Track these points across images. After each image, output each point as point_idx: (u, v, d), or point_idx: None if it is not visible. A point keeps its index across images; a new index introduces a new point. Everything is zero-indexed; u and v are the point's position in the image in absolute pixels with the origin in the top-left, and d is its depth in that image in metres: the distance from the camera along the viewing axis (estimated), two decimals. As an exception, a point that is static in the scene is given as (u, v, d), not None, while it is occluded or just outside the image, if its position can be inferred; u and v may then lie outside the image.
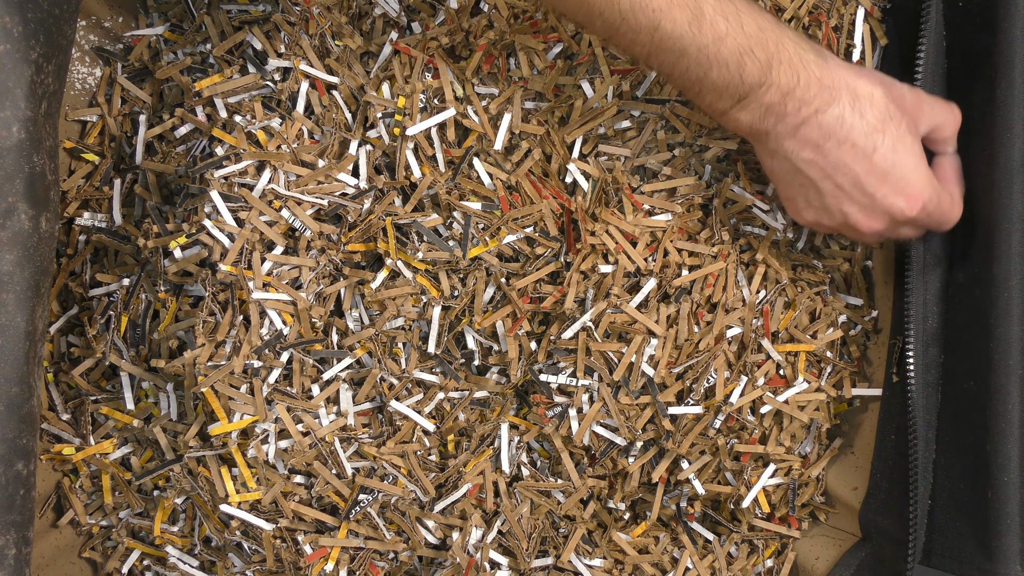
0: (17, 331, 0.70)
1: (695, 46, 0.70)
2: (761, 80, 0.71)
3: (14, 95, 0.68)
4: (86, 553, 0.86)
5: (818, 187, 0.75)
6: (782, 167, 0.75)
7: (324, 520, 0.81)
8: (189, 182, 0.81)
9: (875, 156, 0.73)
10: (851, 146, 0.73)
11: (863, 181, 0.73)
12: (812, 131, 0.72)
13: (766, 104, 0.72)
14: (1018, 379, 0.75)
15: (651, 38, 0.69)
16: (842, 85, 0.73)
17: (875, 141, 0.73)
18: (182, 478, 0.80)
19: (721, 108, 0.73)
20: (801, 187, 0.76)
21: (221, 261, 0.76)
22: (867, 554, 0.83)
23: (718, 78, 0.71)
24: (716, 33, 0.70)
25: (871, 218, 0.75)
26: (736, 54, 0.70)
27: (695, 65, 0.71)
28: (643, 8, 0.68)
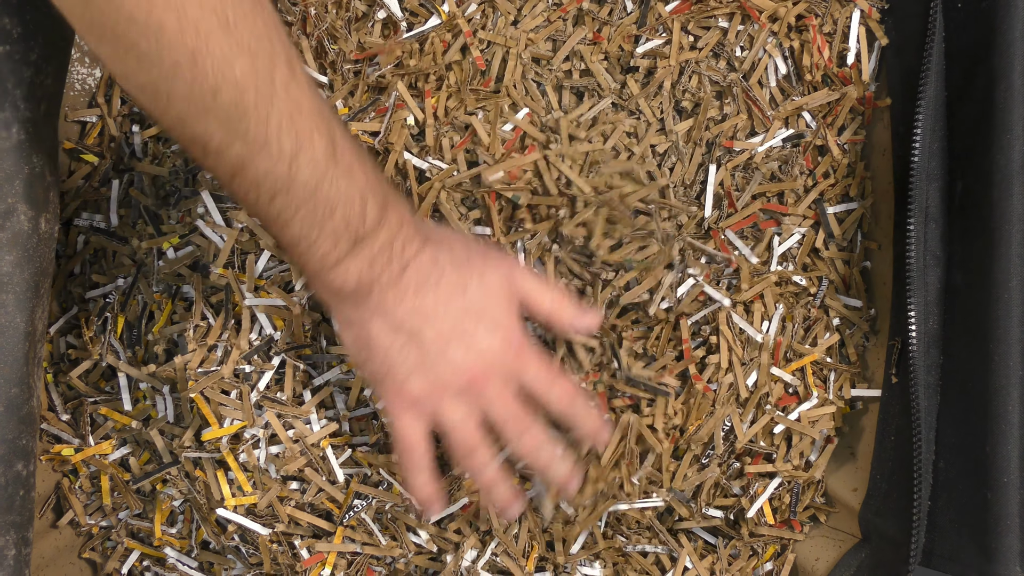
0: (17, 332, 0.70)
1: (329, 179, 0.63)
2: (379, 219, 0.66)
3: (13, 96, 0.68)
4: (86, 553, 0.86)
5: (420, 338, 0.69)
6: (379, 331, 0.69)
7: (320, 525, 0.80)
8: (182, 184, 0.81)
9: (468, 293, 0.70)
10: (446, 285, 0.69)
11: (463, 318, 0.70)
12: (412, 275, 0.68)
13: (378, 246, 0.66)
14: (1018, 380, 0.75)
15: (290, 168, 0.61)
16: (427, 230, 0.70)
17: (465, 279, 0.70)
18: (179, 481, 0.80)
19: (334, 258, 0.66)
20: (401, 350, 0.69)
21: (212, 264, 0.76)
22: (867, 555, 0.83)
23: (342, 218, 0.64)
24: (347, 164, 0.64)
25: (478, 359, 0.70)
26: (362, 190, 0.65)
27: (324, 204, 0.63)
28: (291, 130, 0.61)
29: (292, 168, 0.62)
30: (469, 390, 0.71)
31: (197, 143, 0.61)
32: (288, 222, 0.64)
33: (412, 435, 0.72)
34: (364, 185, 0.65)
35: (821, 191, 0.86)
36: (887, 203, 0.86)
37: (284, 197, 0.63)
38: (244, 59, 0.58)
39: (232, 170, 0.62)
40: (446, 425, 0.72)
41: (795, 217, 0.85)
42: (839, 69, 0.86)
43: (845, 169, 0.87)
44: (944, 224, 0.81)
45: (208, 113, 0.59)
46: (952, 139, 0.81)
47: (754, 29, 0.85)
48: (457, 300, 0.69)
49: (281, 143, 0.61)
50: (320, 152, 0.62)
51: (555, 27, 0.84)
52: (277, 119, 0.60)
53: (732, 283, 0.84)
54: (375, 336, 0.69)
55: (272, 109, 0.60)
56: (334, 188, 0.63)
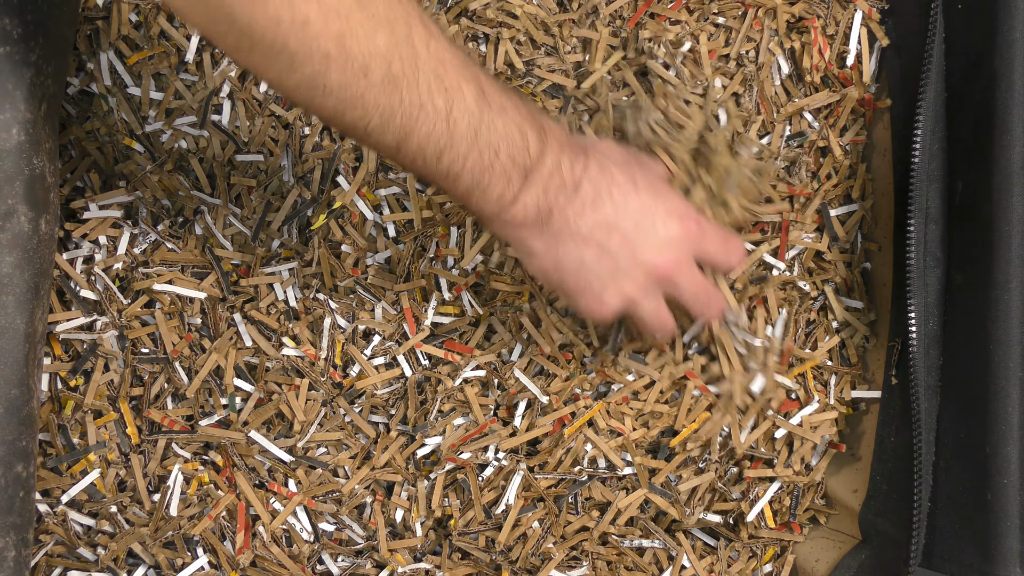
0: (17, 333, 0.70)
1: (487, 123, 0.64)
2: (541, 147, 0.67)
3: (14, 97, 0.68)
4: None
5: (608, 249, 0.70)
6: (567, 250, 0.70)
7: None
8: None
9: (639, 188, 0.71)
10: (619, 187, 0.70)
11: (641, 216, 0.71)
12: (587, 189, 0.69)
13: (548, 172, 0.68)
14: (1018, 381, 0.75)
15: (447, 124, 0.63)
16: (583, 141, 0.72)
17: (632, 175, 0.71)
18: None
19: (511, 195, 0.67)
20: (593, 263, 0.71)
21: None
22: (867, 556, 0.83)
23: (507, 155, 0.66)
24: (500, 105, 0.65)
25: (665, 254, 0.72)
26: (519, 124, 0.66)
27: (487, 148, 0.65)
28: (440, 87, 0.62)
29: (450, 122, 0.63)
30: (661, 282, 0.73)
31: (359, 126, 0.62)
32: (459, 175, 0.65)
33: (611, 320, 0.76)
34: (519, 119, 0.66)
35: (824, 192, 0.86)
36: (887, 204, 0.86)
37: (450, 152, 0.64)
38: (384, 30, 0.59)
39: (396, 142, 0.63)
40: (640, 313, 0.74)
41: (801, 221, 0.85)
42: (840, 70, 0.86)
43: (847, 170, 0.87)
44: (944, 225, 0.81)
45: (364, 94, 0.60)
46: (952, 140, 0.81)
47: (752, 31, 0.86)
48: (632, 201, 0.71)
49: (435, 102, 0.62)
50: (471, 100, 0.63)
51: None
52: (426, 80, 0.61)
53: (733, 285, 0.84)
54: (564, 257, 0.71)
55: (419, 72, 0.61)
56: (492, 130, 0.65)
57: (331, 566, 0.82)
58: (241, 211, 0.83)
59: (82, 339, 0.82)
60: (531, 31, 0.85)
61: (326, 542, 0.82)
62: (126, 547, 0.80)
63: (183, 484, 0.82)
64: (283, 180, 0.83)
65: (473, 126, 0.64)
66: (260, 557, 0.82)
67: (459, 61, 0.63)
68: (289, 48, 0.57)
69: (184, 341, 0.82)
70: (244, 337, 0.82)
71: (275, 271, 0.83)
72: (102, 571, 0.81)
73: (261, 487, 0.82)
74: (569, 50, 0.85)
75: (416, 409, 0.83)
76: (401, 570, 0.82)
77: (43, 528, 0.80)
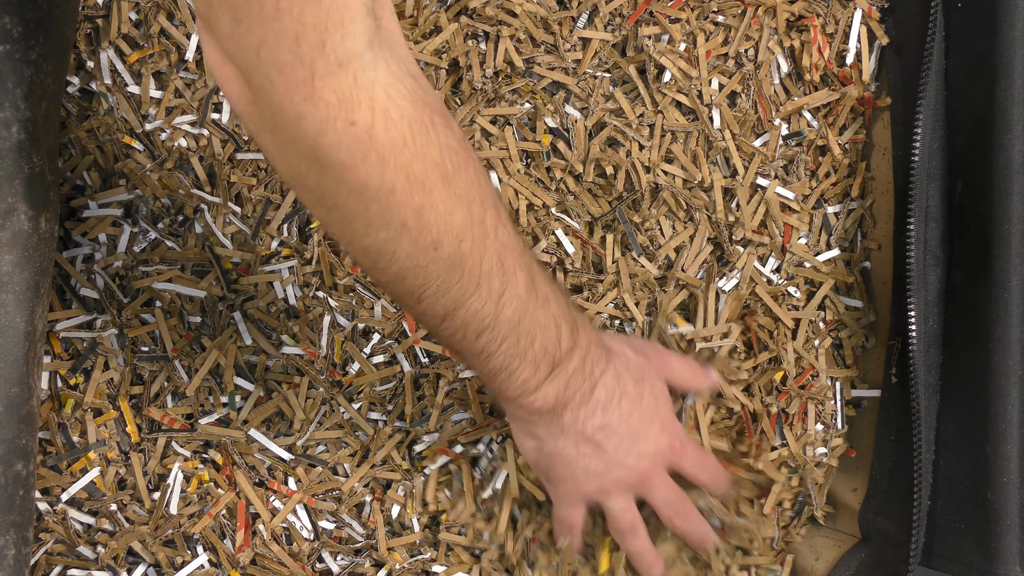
0: (17, 331, 0.70)
1: (529, 313, 0.66)
2: (572, 343, 0.69)
3: (14, 96, 0.68)
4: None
5: (603, 449, 0.74)
6: (566, 443, 0.73)
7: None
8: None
9: (644, 403, 0.75)
10: (628, 399, 0.74)
11: (638, 428, 0.74)
12: (601, 394, 0.72)
13: (572, 368, 0.70)
14: (1017, 380, 0.75)
15: (497, 305, 0.64)
16: (608, 344, 0.74)
17: (641, 390, 0.75)
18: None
19: (535, 383, 0.69)
20: (585, 459, 0.74)
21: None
22: (867, 555, 0.83)
23: (541, 346, 0.67)
24: (544, 296, 0.67)
25: (646, 460, 0.75)
26: (556, 317, 0.68)
27: (525, 335, 0.66)
28: (498, 271, 0.63)
29: (499, 305, 0.64)
30: (637, 485, 0.76)
31: (413, 294, 0.62)
32: (492, 355, 0.66)
33: (578, 520, 0.78)
34: (558, 312, 0.68)
35: (822, 191, 0.86)
36: (887, 203, 0.86)
37: (490, 333, 0.65)
38: (462, 209, 0.59)
39: (444, 313, 0.63)
40: (611, 510, 0.77)
41: (802, 219, 0.85)
42: (839, 69, 0.86)
43: (845, 169, 0.87)
44: (944, 224, 0.81)
45: (429, 266, 0.60)
46: (952, 138, 0.81)
47: (751, 29, 0.86)
48: (635, 412, 0.74)
49: (491, 284, 0.63)
50: (522, 287, 0.65)
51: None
52: (489, 262, 0.62)
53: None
54: (562, 449, 0.73)
55: (485, 253, 0.61)
56: (534, 319, 0.66)
57: (331, 564, 0.83)
58: (241, 209, 0.83)
59: (82, 337, 0.82)
60: (531, 29, 0.85)
61: (326, 540, 0.82)
62: (126, 545, 0.80)
63: (183, 482, 0.82)
64: (283, 178, 0.83)
65: (519, 312, 0.65)
66: (260, 555, 0.82)
67: (519, 248, 0.64)
68: (370, 213, 0.57)
69: (184, 339, 0.82)
70: (244, 335, 0.82)
71: (275, 269, 0.83)
72: (102, 569, 0.81)
73: (261, 485, 0.82)
74: (569, 47, 0.85)
75: (413, 405, 0.83)
76: (399, 567, 0.82)
77: (43, 526, 0.80)
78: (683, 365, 0.80)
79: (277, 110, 0.52)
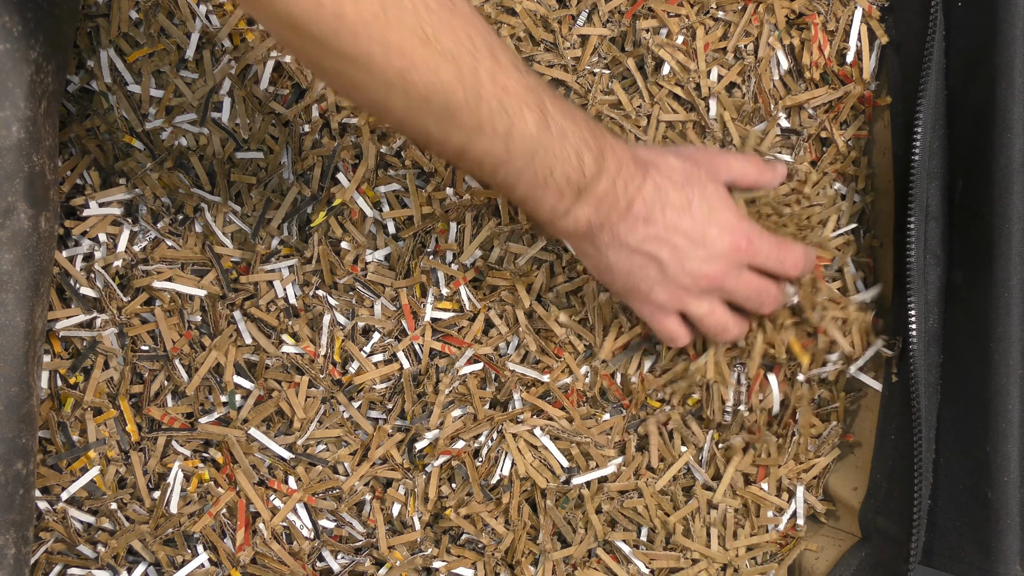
0: (16, 330, 0.70)
1: (544, 147, 0.68)
2: (598, 167, 0.71)
3: (14, 95, 0.67)
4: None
5: (657, 258, 0.75)
6: (617, 257, 0.75)
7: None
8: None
9: (693, 208, 0.75)
10: (672, 208, 0.74)
11: (692, 233, 0.75)
12: (640, 207, 0.73)
13: (602, 190, 0.72)
14: (1018, 379, 0.75)
15: (505, 145, 0.67)
16: (645, 158, 0.74)
17: (688, 196, 0.75)
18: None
19: (563, 208, 0.72)
20: (641, 269, 0.75)
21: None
22: (867, 554, 0.83)
23: (562, 175, 0.70)
24: (560, 129, 0.69)
25: (713, 264, 0.76)
26: (576, 147, 0.69)
27: (542, 168, 0.69)
28: (502, 112, 0.66)
29: (508, 144, 0.67)
30: (709, 289, 0.77)
31: (419, 138, 0.67)
32: (513, 186, 0.70)
33: (671, 328, 0.80)
34: (578, 142, 0.69)
35: (827, 174, 0.86)
36: (887, 201, 0.86)
37: (505, 168, 0.68)
38: (448, 65, 0.63)
39: (455, 154, 0.68)
40: (694, 316, 0.78)
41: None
42: (839, 68, 0.86)
43: (849, 164, 0.87)
44: (944, 223, 0.81)
45: (424, 115, 0.65)
46: (952, 137, 0.81)
47: (751, 26, 0.86)
48: (685, 218, 0.74)
49: (494, 125, 0.66)
50: (532, 125, 0.67)
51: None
52: (488, 106, 0.65)
53: None
54: (614, 263, 0.75)
55: (481, 100, 0.65)
56: (549, 153, 0.68)
57: (331, 563, 0.83)
58: (241, 208, 0.83)
59: (82, 336, 0.82)
60: (530, 28, 0.85)
61: (326, 539, 0.82)
62: (126, 544, 0.80)
63: (183, 481, 0.82)
64: (283, 177, 0.83)
65: (530, 149, 0.68)
66: (260, 554, 0.82)
67: (523, 88, 0.66)
68: (354, 76, 0.62)
69: (184, 339, 0.82)
70: (244, 334, 0.82)
71: (275, 268, 0.83)
72: (102, 568, 0.81)
73: (261, 484, 0.82)
74: (569, 46, 0.85)
75: (413, 403, 0.83)
76: (399, 564, 0.82)
77: (43, 525, 0.80)
78: (743, 161, 0.80)
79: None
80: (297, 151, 0.83)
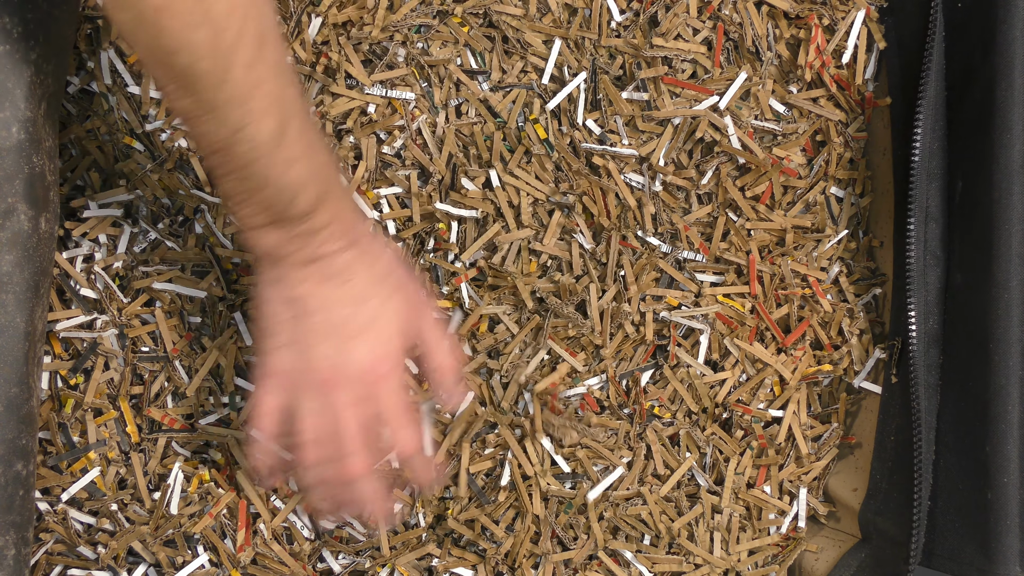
0: (16, 331, 0.70)
1: (265, 161, 0.65)
2: (308, 211, 0.68)
3: (13, 95, 0.68)
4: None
5: (304, 322, 0.71)
6: (280, 295, 0.71)
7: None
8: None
9: (364, 306, 0.72)
10: (350, 289, 0.71)
11: (348, 322, 0.71)
12: (321, 268, 0.70)
13: (297, 232, 0.69)
14: (1018, 380, 0.75)
15: (231, 137, 0.63)
16: (365, 239, 0.72)
17: (370, 291, 0.72)
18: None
19: (252, 224, 0.68)
20: (286, 322, 0.72)
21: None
22: (867, 555, 0.83)
23: (268, 198, 0.67)
24: (289, 156, 0.66)
25: (340, 358, 0.71)
26: (297, 183, 0.66)
27: (254, 179, 0.66)
28: (240, 104, 0.62)
29: (233, 138, 0.63)
30: (323, 388, 0.72)
31: (159, 83, 0.63)
32: (220, 178, 0.67)
33: (268, 402, 0.73)
34: (304, 176, 0.67)
35: (825, 174, 0.86)
36: (887, 202, 0.86)
37: (220, 157, 0.65)
38: (206, 30, 0.59)
39: (181, 114, 0.64)
40: (299, 411, 0.72)
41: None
42: (837, 70, 0.86)
43: (847, 163, 0.87)
44: (944, 223, 0.81)
45: (165, 67, 0.61)
46: (952, 138, 0.81)
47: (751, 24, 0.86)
48: (350, 308, 0.71)
49: (228, 113, 0.62)
50: (265, 134, 0.64)
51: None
52: (229, 92, 0.62)
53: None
54: (269, 299, 0.72)
55: (225, 83, 0.61)
56: (268, 170, 0.65)
57: (332, 564, 0.83)
58: (241, 209, 0.83)
59: (82, 337, 0.82)
60: None
61: (327, 539, 0.83)
62: (126, 545, 0.80)
63: (183, 482, 0.82)
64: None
65: (252, 157, 0.64)
66: (261, 555, 0.82)
67: (275, 95, 0.64)
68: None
69: (184, 340, 0.82)
70: (244, 335, 0.82)
71: (275, 269, 0.83)
72: (102, 569, 0.81)
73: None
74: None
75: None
76: (401, 565, 0.82)
77: (43, 526, 0.80)
78: (440, 332, 0.76)
79: None
80: (297, 152, 0.83)
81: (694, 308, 0.84)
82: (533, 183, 0.83)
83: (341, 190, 0.71)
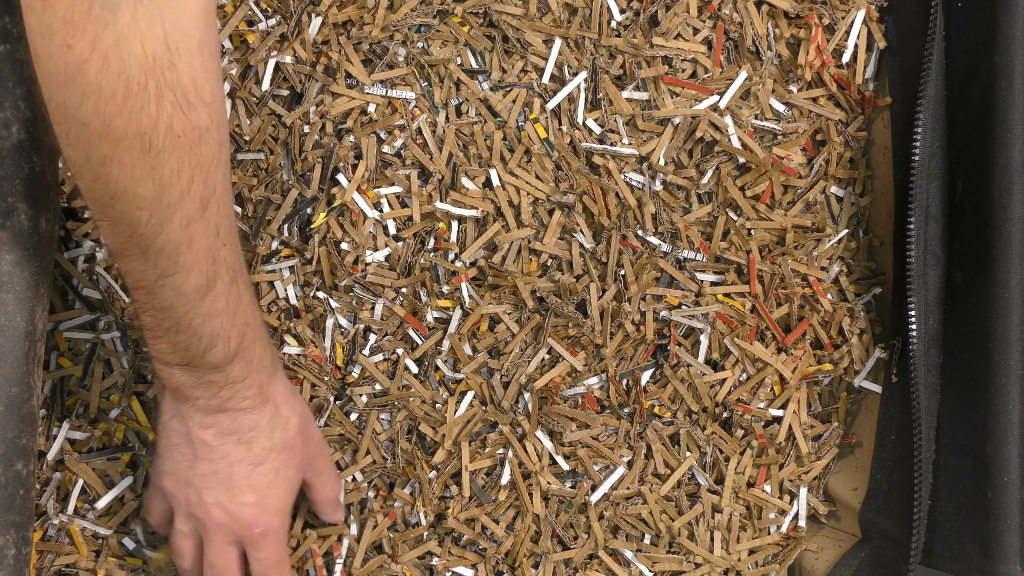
0: (17, 331, 0.70)
1: (185, 310, 0.66)
2: (221, 363, 0.69)
3: (14, 96, 0.68)
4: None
5: (196, 464, 0.73)
6: (176, 431, 0.73)
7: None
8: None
9: (260, 468, 0.73)
10: (247, 449, 0.73)
11: (236, 482, 0.73)
12: (226, 420, 0.72)
13: (205, 380, 0.70)
14: (1018, 379, 0.75)
15: (157, 280, 0.65)
16: (274, 400, 0.73)
17: (268, 456, 0.74)
18: None
19: (166, 360, 0.70)
20: (181, 459, 0.74)
21: None
22: (867, 554, 0.83)
23: (184, 341, 0.68)
24: (211, 310, 0.67)
25: (228, 507, 0.74)
26: (214, 335, 0.68)
27: (172, 322, 0.67)
28: (170, 256, 0.64)
29: (159, 282, 0.65)
30: (204, 523, 0.74)
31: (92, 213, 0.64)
32: (141, 310, 0.67)
33: (154, 503, 0.77)
34: (222, 330, 0.68)
35: (825, 173, 0.86)
36: (887, 202, 0.86)
37: (143, 295, 0.66)
38: (150, 185, 0.60)
39: (112, 250, 0.65)
40: (175, 529, 0.76)
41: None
42: (836, 70, 0.86)
43: (847, 163, 0.87)
44: (944, 223, 0.81)
45: (103, 207, 0.62)
46: (952, 138, 0.81)
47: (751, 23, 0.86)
48: (247, 467, 0.73)
49: (158, 261, 0.64)
50: (190, 286, 0.65)
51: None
52: (163, 242, 0.63)
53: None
54: (169, 428, 0.74)
55: (161, 234, 0.62)
56: (187, 319, 0.66)
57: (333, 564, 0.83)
58: (241, 210, 0.83)
59: (85, 338, 0.82)
60: None
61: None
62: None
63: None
64: (283, 178, 0.83)
65: (173, 302, 0.66)
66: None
67: (208, 252, 0.65)
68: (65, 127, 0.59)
69: (185, 339, 0.82)
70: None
71: (275, 269, 0.83)
72: (103, 569, 0.81)
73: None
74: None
75: (422, 402, 0.83)
76: (403, 563, 0.82)
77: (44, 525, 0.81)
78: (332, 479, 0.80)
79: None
80: (297, 152, 0.83)
81: (694, 307, 0.84)
82: (533, 182, 0.83)
83: (262, 349, 0.72)
